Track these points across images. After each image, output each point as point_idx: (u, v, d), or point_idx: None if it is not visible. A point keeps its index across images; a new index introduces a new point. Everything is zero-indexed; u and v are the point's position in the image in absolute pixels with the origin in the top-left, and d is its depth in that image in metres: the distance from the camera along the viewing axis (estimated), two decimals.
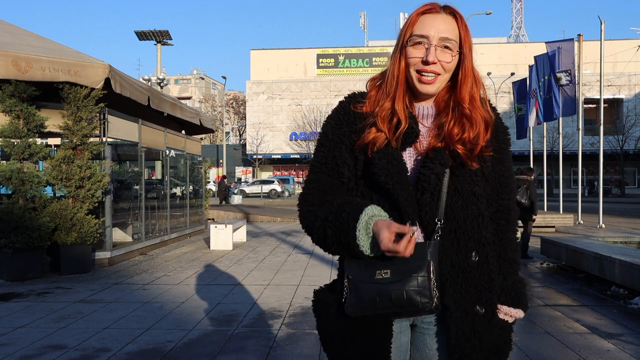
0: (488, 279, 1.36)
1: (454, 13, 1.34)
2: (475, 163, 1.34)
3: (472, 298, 1.33)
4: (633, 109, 41.19)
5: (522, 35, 77.08)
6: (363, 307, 1.29)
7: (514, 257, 1.43)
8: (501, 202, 1.43)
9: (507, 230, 1.43)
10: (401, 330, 1.40)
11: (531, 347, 3.81)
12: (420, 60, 1.31)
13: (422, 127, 1.39)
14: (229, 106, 62.62)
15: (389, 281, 1.26)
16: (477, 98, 1.37)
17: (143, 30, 32.71)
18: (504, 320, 1.39)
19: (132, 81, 7.90)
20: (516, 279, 1.43)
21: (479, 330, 1.33)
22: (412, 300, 1.24)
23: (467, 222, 1.34)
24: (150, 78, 32.87)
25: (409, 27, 1.33)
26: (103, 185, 7.26)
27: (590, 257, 6.09)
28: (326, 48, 46.30)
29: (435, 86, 1.34)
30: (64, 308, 5.10)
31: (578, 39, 14.01)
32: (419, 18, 1.32)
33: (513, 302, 1.41)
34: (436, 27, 1.30)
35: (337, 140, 1.39)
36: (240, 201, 25.54)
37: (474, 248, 1.34)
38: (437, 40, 1.30)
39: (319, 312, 1.43)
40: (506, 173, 1.43)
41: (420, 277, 1.24)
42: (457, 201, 1.34)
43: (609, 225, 13.36)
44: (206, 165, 13.66)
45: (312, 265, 7.52)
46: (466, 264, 1.33)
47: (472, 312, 1.33)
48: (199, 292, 5.80)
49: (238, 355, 3.67)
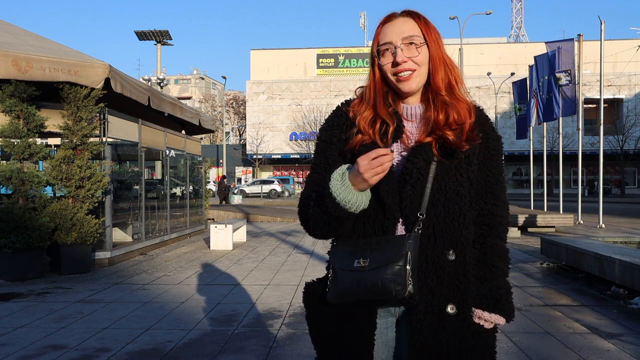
0: (464, 280, 1.36)
1: (411, 14, 1.42)
2: (465, 145, 1.37)
3: (444, 296, 1.35)
4: (633, 109, 41.21)
5: (522, 35, 77.10)
6: (341, 294, 1.34)
7: (496, 263, 1.42)
8: (484, 205, 1.44)
9: (489, 234, 1.43)
10: (388, 326, 1.43)
11: (531, 347, 3.81)
12: (391, 64, 1.39)
13: (411, 125, 1.44)
14: (229, 106, 62.62)
15: (366, 269, 1.30)
16: (456, 87, 1.42)
17: (143, 30, 32.74)
18: (478, 324, 1.39)
19: (132, 81, 7.90)
20: (496, 284, 1.41)
21: (447, 329, 1.34)
22: (386, 287, 1.27)
23: (447, 219, 1.36)
24: (150, 78, 32.89)
25: (375, 40, 1.43)
26: (103, 185, 7.26)
27: (590, 257, 6.09)
28: (326, 48, 46.32)
29: (414, 81, 1.40)
30: (64, 308, 5.10)
31: (578, 39, 14.01)
32: (381, 29, 1.42)
33: (489, 307, 1.39)
34: (396, 31, 1.39)
35: (328, 141, 1.47)
36: (240, 201, 25.54)
37: (451, 246, 1.36)
38: (400, 41, 1.38)
39: (307, 302, 1.48)
40: (493, 179, 1.45)
41: (396, 265, 1.28)
42: (439, 198, 1.36)
43: (609, 225, 13.36)
44: (206, 165, 13.66)
45: (312, 265, 7.52)
46: (441, 261, 1.35)
47: (440, 309, 1.34)
48: (199, 292, 5.80)
49: (238, 355, 3.67)
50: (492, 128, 1.47)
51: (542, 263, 7.62)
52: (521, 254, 8.53)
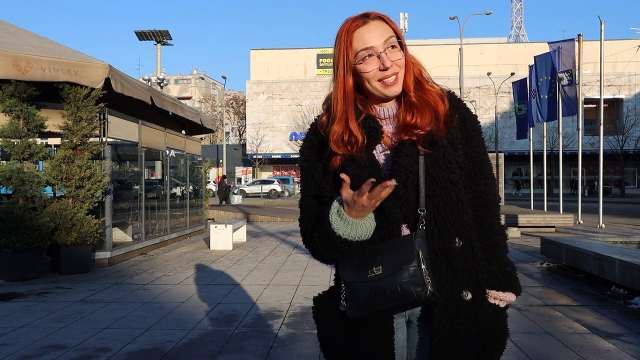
0: (474, 263, 1.36)
1: (379, 17, 1.39)
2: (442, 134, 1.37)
3: (458, 284, 1.34)
4: (633, 109, 41.21)
5: (522, 35, 77.13)
6: (362, 307, 1.32)
7: (498, 241, 1.43)
8: (476, 187, 1.43)
9: (485, 215, 1.43)
10: (397, 327, 1.42)
11: (531, 347, 3.81)
12: (377, 69, 1.35)
13: (390, 126, 1.43)
14: (229, 106, 62.61)
15: (382, 277, 1.29)
16: (423, 79, 1.42)
17: (143, 30, 32.72)
18: (495, 305, 1.40)
19: (133, 81, 7.90)
20: (502, 262, 1.42)
21: (464, 315, 1.34)
22: (407, 291, 1.27)
23: (447, 208, 1.36)
24: (150, 78, 32.89)
25: (349, 47, 1.36)
26: (103, 185, 7.26)
27: (590, 257, 6.08)
28: (326, 48, 46.28)
29: (399, 85, 1.39)
30: (64, 308, 5.10)
31: (578, 39, 14.00)
32: (354, 35, 1.36)
33: (501, 285, 1.40)
34: (375, 35, 1.35)
35: (313, 159, 1.46)
36: (240, 201, 25.53)
37: (456, 234, 1.36)
38: (382, 45, 1.35)
39: (319, 318, 1.46)
40: (479, 159, 1.44)
41: (411, 267, 1.27)
42: (435, 189, 1.36)
43: (609, 225, 13.36)
44: (206, 165, 13.66)
45: (312, 265, 7.52)
46: (450, 249, 1.35)
47: (457, 297, 1.34)
48: (199, 292, 5.80)
49: (238, 355, 3.67)
50: (467, 109, 1.47)
51: (542, 263, 7.62)
52: (521, 254, 8.53)
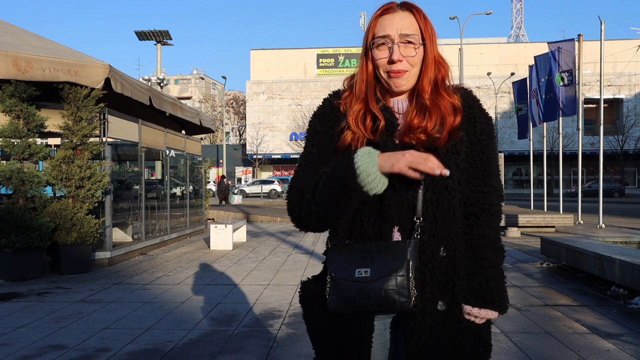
0: (453, 275, 1.32)
1: (410, 8, 1.35)
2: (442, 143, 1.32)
3: (435, 294, 1.32)
4: (633, 109, 41.20)
5: (522, 35, 77.12)
6: (344, 305, 1.31)
7: (485, 255, 1.35)
8: (470, 193, 1.37)
9: (476, 225, 1.36)
10: (385, 327, 1.41)
11: (531, 347, 3.81)
12: (386, 60, 1.33)
13: (401, 120, 1.39)
14: (229, 106, 62.60)
15: (368, 280, 1.27)
16: (442, 84, 1.37)
17: (143, 30, 32.72)
18: (469, 320, 1.35)
19: (132, 81, 7.90)
20: (486, 277, 1.34)
21: (438, 327, 1.32)
22: (391, 299, 1.25)
23: (438, 216, 1.32)
24: (150, 78, 32.86)
25: (370, 31, 1.35)
26: (103, 185, 7.26)
27: (590, 257, 6.08)
28: (326, 48, 46.31)
29: (406, 81, 1.35)
30: (64, 308, 5.10)
31: (578, 39, 13.99)
32: (378, 20, 1.35)
33: (478, 301, 1.34)
34: (395, 25, 1.32)
35: (326, 132, 1.41)
36: (240, 201, 25.53)
37: (442, 243, 1.32)
38: (398, 37, 1.32)
39: (304, 303, 1.46)
40: (480, 165, 1.37)
41: (399, 276, 1.25)
42: (426, 195, 1.31)
43: (609, 225, 13.36)
44: (206, 165, 13.66)
45: (312, 265, 7.52)
46: (434, 259, 1.31)
47: (434, 308, 1.32)
48: (199, 292, 5.79)
49: (238, 355, 3.67)
50: (481, 110, 1.40)
51: (542, 263, 7.62)
52: (521, 254, 8.53)
